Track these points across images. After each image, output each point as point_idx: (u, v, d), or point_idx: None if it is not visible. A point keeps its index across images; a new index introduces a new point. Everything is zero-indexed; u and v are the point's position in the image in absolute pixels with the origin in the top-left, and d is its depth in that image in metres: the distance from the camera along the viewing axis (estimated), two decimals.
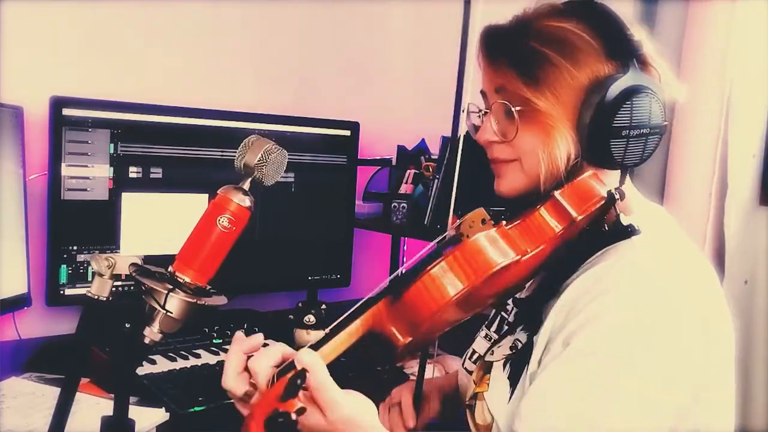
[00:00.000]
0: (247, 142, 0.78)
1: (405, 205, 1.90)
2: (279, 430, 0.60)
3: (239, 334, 0.81)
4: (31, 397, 1.16)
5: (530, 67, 0.85)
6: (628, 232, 0.82)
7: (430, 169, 1.93)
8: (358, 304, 0.78)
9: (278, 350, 0.77)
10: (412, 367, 1.44)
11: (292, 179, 1.70)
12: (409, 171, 2.00)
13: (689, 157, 1.56)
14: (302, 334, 1.53)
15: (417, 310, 0.74)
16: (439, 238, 0.88)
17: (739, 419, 0.89)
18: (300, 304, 1.57)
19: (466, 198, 0.96)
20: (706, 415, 0.81)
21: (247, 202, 0.76)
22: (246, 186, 0.77)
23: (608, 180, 0.87)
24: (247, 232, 0.78)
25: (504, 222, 0.80)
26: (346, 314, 0.78)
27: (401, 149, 2.05)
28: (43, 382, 1.22)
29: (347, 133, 1.79)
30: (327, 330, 0.78)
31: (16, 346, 1.44)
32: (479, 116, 0.94)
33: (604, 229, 0.84)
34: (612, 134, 0.82)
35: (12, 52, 1.49)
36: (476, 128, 0.95)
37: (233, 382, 0.76)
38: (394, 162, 2.04)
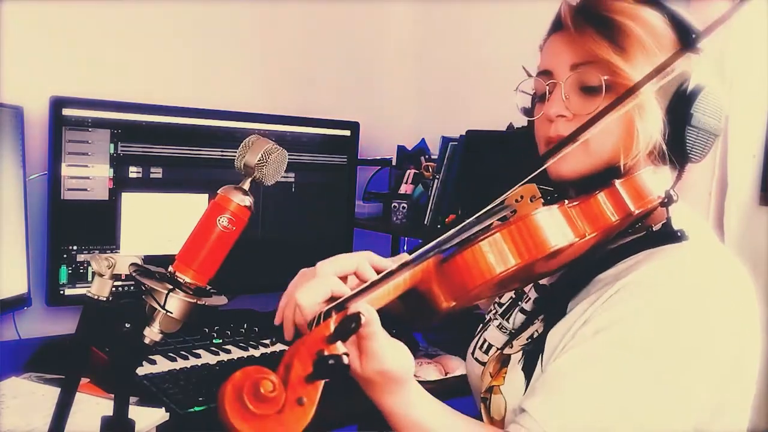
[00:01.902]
0: (247, 142, 0.78)
1: (405, 205, 1.90)
2: (328, 373, 0.57)
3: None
4: (31, 397, 1.16)
5: (619, 38, 0.81)
6: (678, 237, 0.81)
7: (430, 169, 1.93)
8: (411, 257, 0.73)
9: (327, 285, 0.72)
10: None
11: (292, 179, 1.70)
12: (409, 171, 2.00)
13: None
14: None
15: (467, 278, 0.72)
16: (489, 207, 0.83)
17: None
18: None
19: (465, 198, 0.94)
20: (725, 419, 0.80)
21: (247, 202, 0.76)
22: (246, 186, 0.77)
23: (658, 178, 0.85)
24: (247, 232, 0.78)
25: (566, 201, 0.77)
26: (397, 266, 0.73)
27: (401, 149, 2.05)
28: (43, 382, 1.22)
29: (347, 133, 1.79)
30: (373, 278, 0.73)
31: (16, 346, 1.44)
32: (546, 87, 0.88)
33: (650, 229, 0.83)
34: (689, 122, 0.81)
35: (12, 52, 1.49)
36: (526, 110, 0.92)
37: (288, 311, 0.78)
38: (394, 162, 2.04)
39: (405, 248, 2.20)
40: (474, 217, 0.81)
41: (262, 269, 1.68)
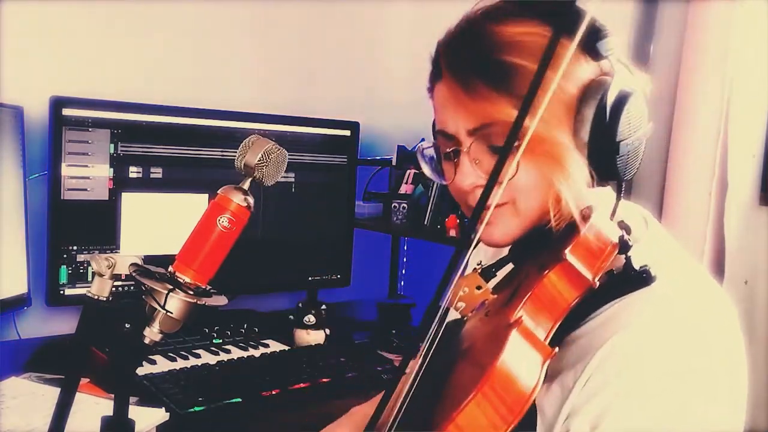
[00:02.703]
0: (247, 142, 0.78)
1: (405, 205, 1.90)
2: None
3: None
4: (31, 397, 1.16)
5: (513, 85, 0.69)
6: (644, 278, 0.69)
7: None
8: None
9: None
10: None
11: (292, 179, 1.70)
12: (409, 171, 2.00)
13: (689, 157, 1.56)
14: (302, 334, 1.53)
15: None
16: (442, 321, 0.74)
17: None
18: (300, 304, 1.57)
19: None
20: None
21: (247, 202, 0.76)
22: (246, 186, 0.77)
23: (593, 193, 0.74)
24: (247, 232, 0.78)
25: (518, 314, 0.64)
26: None
27: (401, 149, 2.05)
28: (43, 382, 1.22)
29: (347, 133, 1.79)
30: None
31: (16, 346, 1.44)
32: (450, 157, 0.78)
33: (611, 273, 0.71)
34: (617, 150, 0.70)
35: (12, 52, 1.49)
36: (435, 168, 0.81)
37: None
38: (394, 162, 2.04)
39: (405, 248, 2.20)
40: (430, 348, 0.72)
41: (262, 269, 1.68)
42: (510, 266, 0.79)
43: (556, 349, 0.63)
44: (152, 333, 0.73)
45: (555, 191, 0.71)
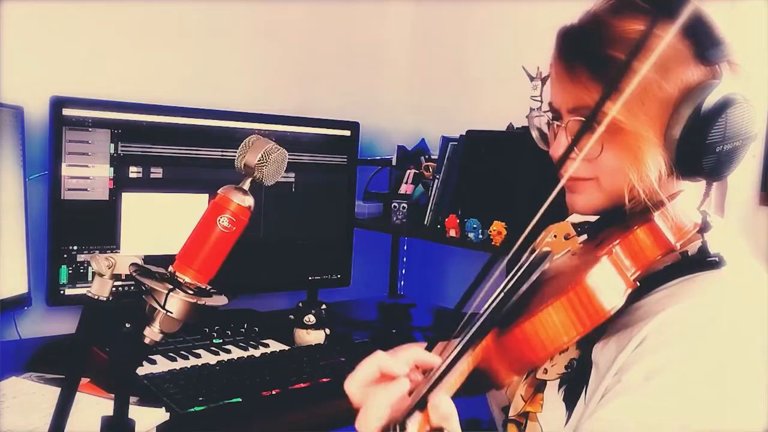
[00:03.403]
0: (248, 142, 0.78)
1: (405, 205, 1.90)
2: None
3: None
4: (31, 397, 1.16)
5: (615, 80, 0.73)
6: (716, 263, 0.76)
7: (430, 169, 1.93)
8: (467, 338, 0.70)
9: (399, 388, 0.67)
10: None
11: (293, 179, 1.70)
12: (409, 171, 2.00)
13: None
14: (302, 334, 1.53)
15: (528, 351, 0.69)
16: (531, 256, 0.79)
17: None
18: (300, 304, 1.57)
19: (465, 198, 0.92)
20: None
21: (247, 202, 0.76)
22: (246, 186, 0.77)
23: (686, 184, 0.81)
24: (247, 232, 0.78)
25: (611, 246, 0.72)
26: (456, 348, 0.69)
27: (401, 149, 2.05)
28: (43, 382, 1.22)
29: (347, 133, 1.79)
30: (439, 368, 0.68)
31: (16, 346, 1.44)
32: (552, 127, 0.85)
33: (685, 255, 0.78)
34: (705, 151, 0.75)
35: (12, 52, 1.49)
36: (543, 137, 0.88)
37: (355, 389, 0.71)
38: (394, 162, 2.05)
39: (405, 248, 2.20)
40: (516, 274, 0.77)
41: (262, 269, 1.68)
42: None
43: (638, 283, 0.70)
44: (152, 333, 0.73)
45: (641, 179, 0.77)
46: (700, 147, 0.75)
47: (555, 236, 0.78)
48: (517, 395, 0.89)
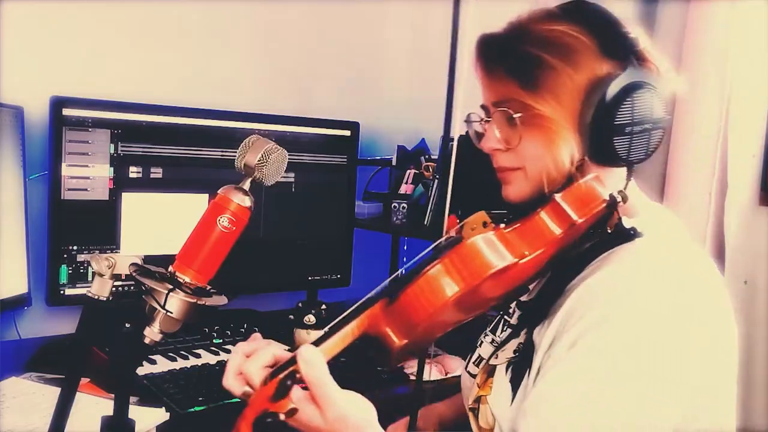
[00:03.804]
0: (248, 142, 0.78)
1: (405, 205, 1.90)
2: (267, 430, 0.61)
3: (254, 336, 0.81)
4: (31, 397, 1.16)
5: (529, 73, 0.85)
6: (630, 235, 0.82)
7: (430, 169, 1.93)
8: (355, 306, 0.78)
9: (269, 351, 0.77)
10: (412, 367, 1.44)
11: (292, 179, 1.70)
12: (409, 171, 2.00)
13: (689, 157, 1.56)
14: (302, 334, 1.53)
15: (413, 313, 0.74)
16: (439, 240, 0.86)
17: (739, 419, 0.89)
18: (300, 304, 1.57)
19: (465, 198, 0.95)
20: (709, 416, 0.81)
21: (247, 202, 0.76)
22: (246, 186, 0.77)
23: (613, 180, 0.87)
24: (247, 232, 0.78)
25: (503, 225, 0.80)
26: (342, 315, 0.78)
27: (401, 149, 2.05)
28: (43, 382, 1.22)
29: (347, 133, 1.79)
30: (323, 331, 0.78)
31: (16, 346, 1.44)
32: (481, 124, 0.94)
33: (608, 232, 0.84)
34: (615, 132, 0.82)
35: (12, 52, 1.49)
36: (479, 136, 0.95)
37: (232, 380, 0.77)
38: (394, 162, 2.04)
39: (405, 248, 2.20)
40: (426, 250, 0.84)
41: (262, 269, 1.68)
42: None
43: (526, 257, 0.77)
44: (152, 333, 0.73)
45: (554, 161, 0.85)
46: (610, 128, 0.82)
47: (473, 229, 0.82)
48: (473, 384, 0.96)
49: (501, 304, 0.98)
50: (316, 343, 0.75)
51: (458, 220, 0.89)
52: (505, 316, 1.01)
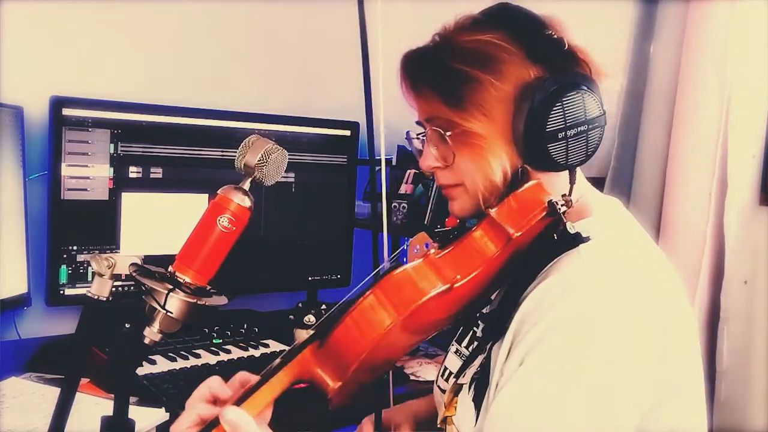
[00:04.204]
0: (248, 142, 0.78)
1: (405, 205, 1.90)
2: None
3: (210, 380, 0.83)
4: (31, 397, 1.16)
5: (453, 89, 0.83)
6: (574, 241, 0.79)
7: None
8: (283, 354, 0.77)
9: (193, 412, 0.77)
10: (412, 367, 1.44)
11: (292, 179, 1.70)
12: (409, 171, 2.00)
13: (689, 157, 1.56)
14: (302, 334, 1.52)
15: (344, 352, 0.72)
16: (375, 270, 0.85)
17: (739, 419, 0.89)
18: (300, 304, 1.56)
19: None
20: (674, 413, 0.80)
21: (247, 202, 0.76)
22: (246, 186, 0.77)
23: (561, 182, 0.85)
24: (247, 232, 0.78)
25: (433, 251, 0.78)
26: (271, 365, 0.76)
27: (401, 149, 2.05)
28: (43, 382, 1.22)
29: (347, 133, 1.79)
30: (254, 382, 0.76)
31: (15, 347, 1.44)
32: (419, 140, 0.92)
33: (551, 238, 0.82)
34: (548, 139, 0.80)
35: (12, 52, 1.49)
36: (419, 153, 0.93)
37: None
38: (394, 162, 2.04)
39: (405, 248, 2.20)
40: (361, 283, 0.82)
41: (262, 269, 1.68)
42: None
43: (459, 282, 0.75)
44: (152, 333, 0.73)
45: (485, 176, 0.83)
46: (542, 135, 0.80)
47: (417, 247, 0.82)
48: (441, 404, 0.93)
49: (459, 321, 0.95)
50: (241, 399, 0.74)
51: (458, 221, 0.89)
52: (474, 327, 0.98)
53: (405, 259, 0.84)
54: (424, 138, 0.90)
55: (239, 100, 1.76)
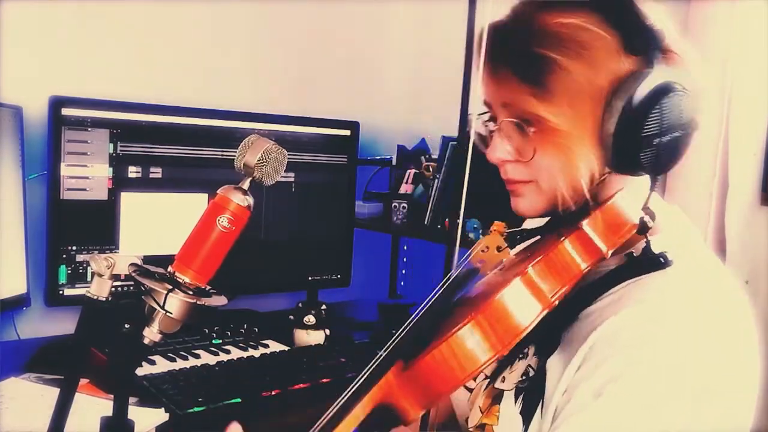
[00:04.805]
0: (247, 142, 0.77)
1: (405, 205, 1.90)
2: None
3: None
4: (31, 397, 1.16)
5: (538, 77, 0.73)
6: (660, 263, 0.73)
7: (430, 169, 1.93)
8: (364, 374, 0.69)
9: None
10: None
11: (292, 179, 1.70)
12: (409, 171, 2.00)
13: (689, 157, 1.56)
14: (302, 334, 1.53)
15: (434, 381, 0.66)
16: (453, 272, 0.78)
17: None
18: (300, 304, 1.57)
19: (468, 201, 0.90)
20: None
21: (246, 202, 0.76)
22: (246, 186, 0.77)
23: (633, 184, 0.78)
24: (247, 232, 0.77)
25: (528, 266, 0.69)
26: (352, 387, 0.69)
27: (401, 149, 2.05)
28: (42, 382, 1.22)
29: (347, 133, 1.79)
30: (332, 410, 0.69)
31: (15, 347, 1.44)
32: (486, 126, 0.82)
33: (633, 256, 0.75)
34: (642, 145, 0.71)
35: (12, 52, 1.49)
36: (483, 140, 0.84)
37: None
38: (394, 162, 2.04)
39: (405, 248, 2.20)
40: (441, 288, 0.76)
41: (262, 269, 1.68)
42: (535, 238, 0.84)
43: (554, 304, 0.68)
44: (152, 333, 0.73)
45: (571, 181, 0.75)
46: (636, 141, 0.72)
47: (487, 248, 0.77)
48: (475, 406, 0.87)
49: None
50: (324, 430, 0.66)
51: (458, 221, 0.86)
52: None
53: (469, 260, 0.80)
54: (492, 122, 0.80)
55: (239, 100, 1.76)
